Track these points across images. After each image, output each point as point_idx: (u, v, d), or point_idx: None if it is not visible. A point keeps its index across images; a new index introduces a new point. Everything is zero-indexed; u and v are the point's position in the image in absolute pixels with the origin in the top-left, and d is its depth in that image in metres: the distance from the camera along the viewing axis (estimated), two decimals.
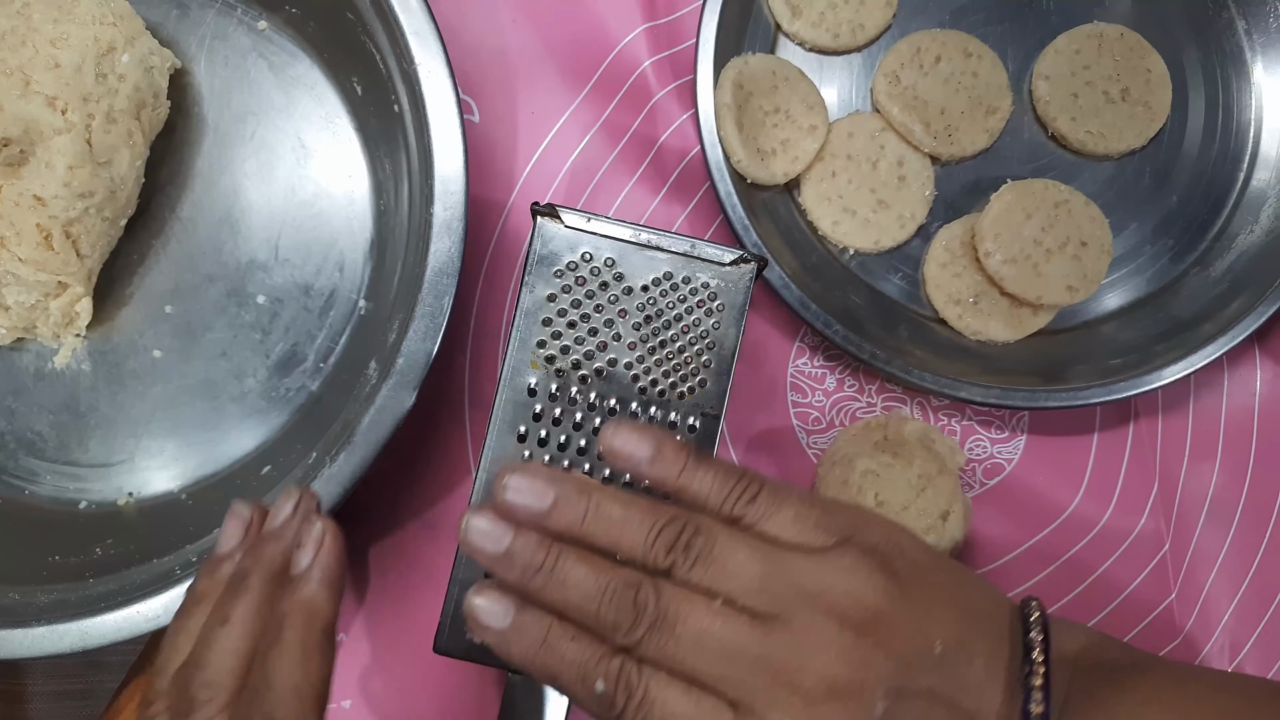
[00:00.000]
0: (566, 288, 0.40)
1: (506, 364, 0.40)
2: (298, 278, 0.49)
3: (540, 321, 0.40)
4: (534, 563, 0.31)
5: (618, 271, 0.40)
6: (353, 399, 0.45)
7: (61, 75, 0.43)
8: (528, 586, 0.31)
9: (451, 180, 0.43)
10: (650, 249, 0.40)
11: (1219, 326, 0.49)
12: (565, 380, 0.41)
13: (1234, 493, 0.52)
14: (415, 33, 0.43)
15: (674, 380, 0.41)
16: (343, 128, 0.50)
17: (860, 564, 0.31)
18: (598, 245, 0.40)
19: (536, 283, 0.40)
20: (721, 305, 0.41)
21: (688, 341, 0.41)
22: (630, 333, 0.41)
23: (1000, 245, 0.49)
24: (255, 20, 0.50)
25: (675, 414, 0.41)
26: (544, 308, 0.40)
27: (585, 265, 0.40)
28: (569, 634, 0.31)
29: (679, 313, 0.41)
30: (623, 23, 0.52)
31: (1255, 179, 0.53)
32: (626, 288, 0.40)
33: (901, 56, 0.51)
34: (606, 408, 0.41)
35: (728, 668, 0.30)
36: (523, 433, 0.41)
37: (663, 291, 0.41)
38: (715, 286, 0.41)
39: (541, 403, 0.41)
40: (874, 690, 0.30)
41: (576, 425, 0.41)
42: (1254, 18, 0.53)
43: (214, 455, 0.49)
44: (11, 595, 0.43)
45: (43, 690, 0.51)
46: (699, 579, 0.31)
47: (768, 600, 0.31)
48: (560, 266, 0.40)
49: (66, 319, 0.47)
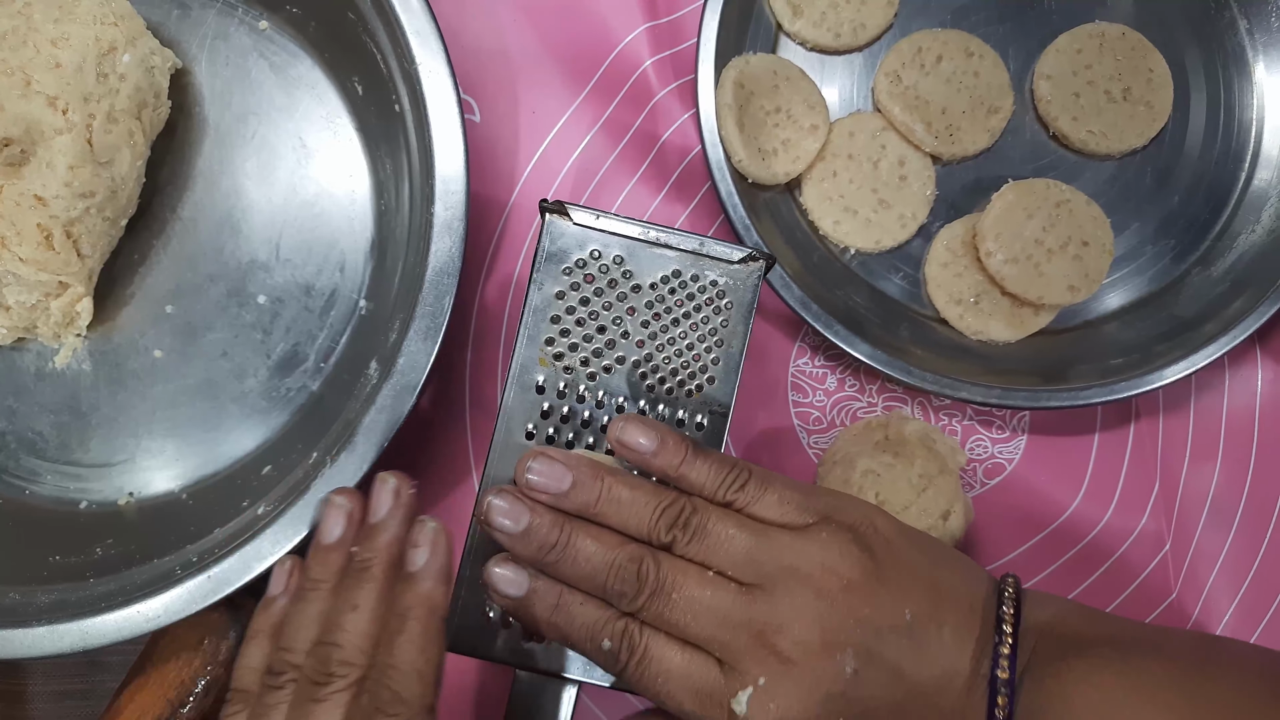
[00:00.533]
0: (575, 285, 0.40)
1: (515, 361, 0.40)
2: (299, 278, 0.49)
3: (549, 319, 0.40)
4: (549, 540, 0.35)
5: (626, 269, 0.40)
6: (353, 399, 0.45)
7: (62, 75, 0.43)
8: (543, 561, 0.35)
9: (452, 180, 0.43)
10: (659, 246, 0.40)
11: (1220, 326, 0.49)
12: (573, 377, 0.41)
13: (1235, 493, 0.52)
14: (416, 32, 0.43)
15: (682, 378, 0.41)
16: (344, 128, 0.50)
17: (836, 539, 0.35)
18: (606, 243, 0.40)
19: (545, 280, 0.40)
20: (730, 303, 0.41)
21: (696, 339, 0.41)
22: (638, 330, 0.41)
23: (1002, 245, 0.49)
24: (256, 20, 0.50)
25: (683, 411, 0.41)
26: (552, 305, 0.40)
27: (594, 263, 0.40)
28: (579, 599, 0.35)
29: (687, 310, 0.41)
30: (624, 22, 0.52)
31: (1257, 178, 0.53)
32: (635, 285, 0.40)
33: (903, 56, 0.51)
34: (614, 405, 0.41)
35: (717, 629, 0.34)
36: (530, 429, 0.41)
37: (671, 289, 0.41)
38: (724, 284, 0.40)
39: (550, 400, 0.41)
40: (844, 652, 0.34)
41: (585, 422, 0.41)
42: (1256, 17, 0.53)
43: (215, 455, 0.49)
44: (12, 595, 0.43)
45: (43, 690, 0.51)
46: (694, 553, 0.35)
47: (753, 571, 0.35)
48: (569, 264, 0.40)
49: (67, 319, 0.47)
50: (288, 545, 0.41)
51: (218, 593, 0.41)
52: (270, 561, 0.41)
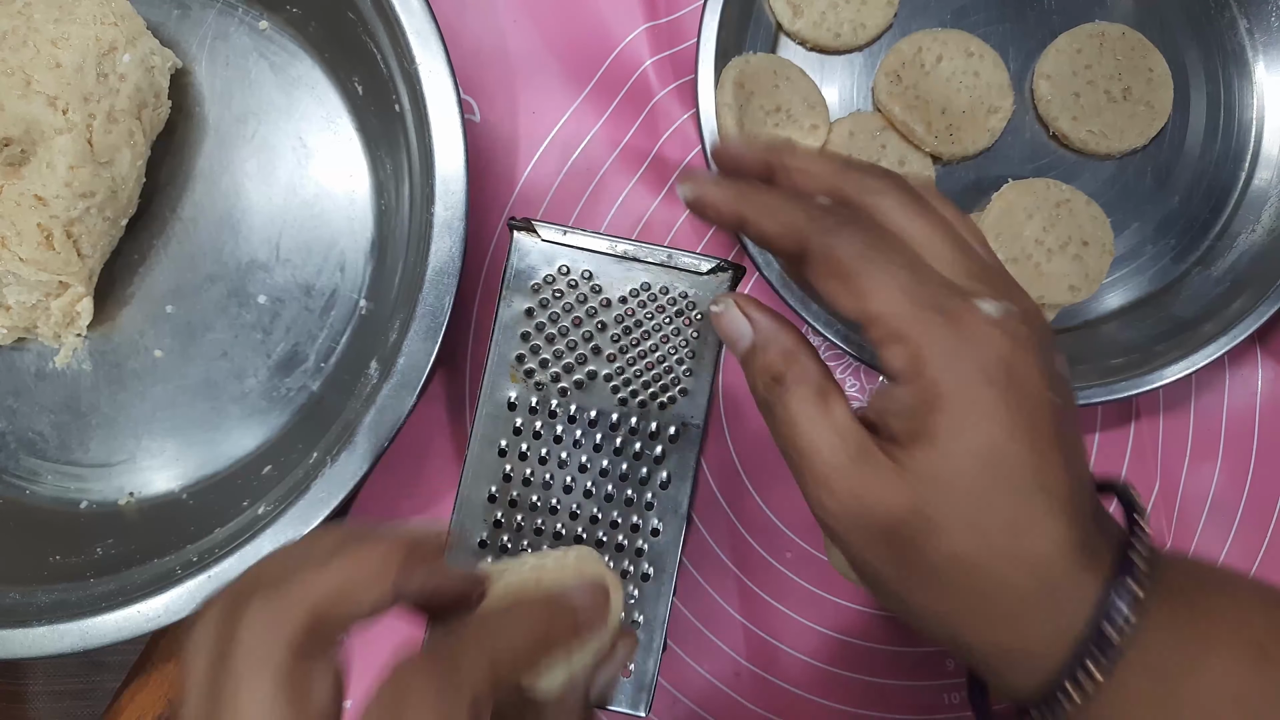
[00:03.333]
0: (544, 301, 0.40)
1: (485, 379, 0.40)
2: (299, 278, 0.49)
3: (519, 336, 0.40)
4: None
5: (595, 284, 0.40)
6: (354, 399, 0.45)
7: (62, 75, 0.43)
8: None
9: (452, 180, 0.43)
10: (627, 260, 0.40)
11: (1220, 326, 0.49)
12: (545, 393, 0.41)
13: (1235, 493, 0.52)
14: (416, 32, 0.43)
15: (654, 390, 0.41)
16: (344, 128, 0.50)
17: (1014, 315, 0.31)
18: (574, 258, 0.40)
19: (514, 297, 0.40)
20: (700, 315, 0.41)
21: (667, 351, 0.41)
22: (609, 344, 0.41)
23: (1002, 245, 0.49)
24: (256, 20, 0.50)
25: (656, 424, 0.41)
26: (521, 322, 0.40)
27: (563, 278, 0.40)
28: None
29: (658, 323, 0.41)
30: (623, 23, 0.52)
31: (1257, 178, 0.53)
32: (605, 300, 0.40)
33: (903, 56, 0.51)
34: (586, 420, 0.41)
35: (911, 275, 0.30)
36: (503, 446, 0.41)
37: (641, 303, 0.40)
38: (694, 296, 0.40)
39: (521, 416, 0.41)
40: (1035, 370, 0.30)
41: (557, 438, 0.41)
42: (1256, 16, 0.53)
43: (215, 455, 0.49)
44: (12, 595, 0.43)
45: (43, 690, 0.51)
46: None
47: (962, 272, 0.31)
48: (537, 280, 0.40)
49: (67, 319, 0.47)
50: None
51: None
52: None
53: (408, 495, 0.50)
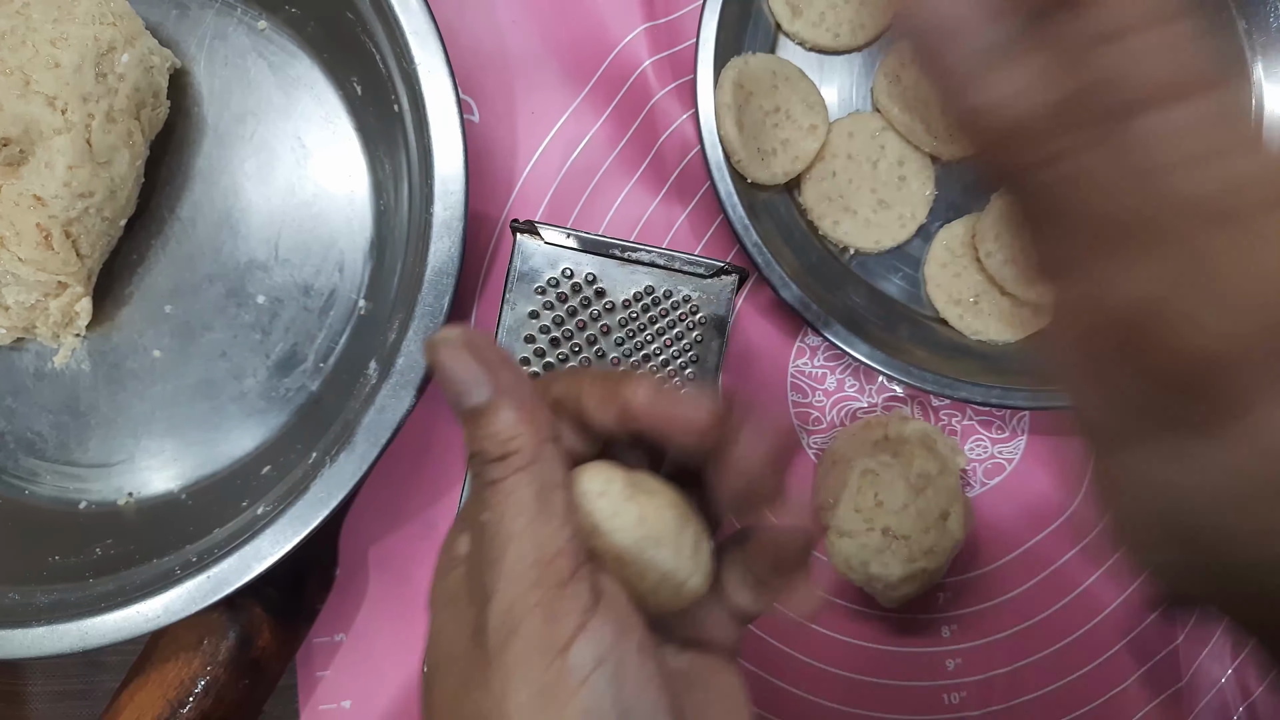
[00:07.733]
0: (548, 304, 0.40)
1: None
2: (297, 278, 0.49)
3: (523, 338, 0.40)
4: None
5: (599, 286, 0.40)
6: (353, 399, 0.45)
7: (61, 75, 0.43)
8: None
9: (451, 180, 0.43)
10: (631, 263, 0.40)
11: None
12: None
13: None
14: (415, 32, 0.43)
15: None
16: (342, 128, 0.50)
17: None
18: (578, 261, 0.40)
19: (518, 300, 0.40)
20: (703, 318, 0.41)
21: (670, 355, 0.41)
22: (613, 347, 0.41)
23: (1001, 245, 0.49)
24: (255, 20, 0.50)
25: None
26: (526, 324, 0.40)
27: (566, 281, 0.40)
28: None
29: (660, 326, 0.41)
30: (623, 23, 0.52)
31: None
32: (608, 303, 0.40)
33: (903, 56, 0.51)
34: None
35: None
36: None
37: (644, 306, 0.40)
38: (696, 299, 0.40)
39: None
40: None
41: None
42: (1254, 18, 0.53)
43: (214, 455, 0.49)
44: (11, 595, 0.43)
45: (43, 690, 0.51)
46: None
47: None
48: (541, 283, 0.40)
49: (66, 319, 0.47)
50: (288, 545, 0.41)
51: (218, 593, 0.41)
52: (270, 562, 0.41)
53: (408, 495, 0.50)
